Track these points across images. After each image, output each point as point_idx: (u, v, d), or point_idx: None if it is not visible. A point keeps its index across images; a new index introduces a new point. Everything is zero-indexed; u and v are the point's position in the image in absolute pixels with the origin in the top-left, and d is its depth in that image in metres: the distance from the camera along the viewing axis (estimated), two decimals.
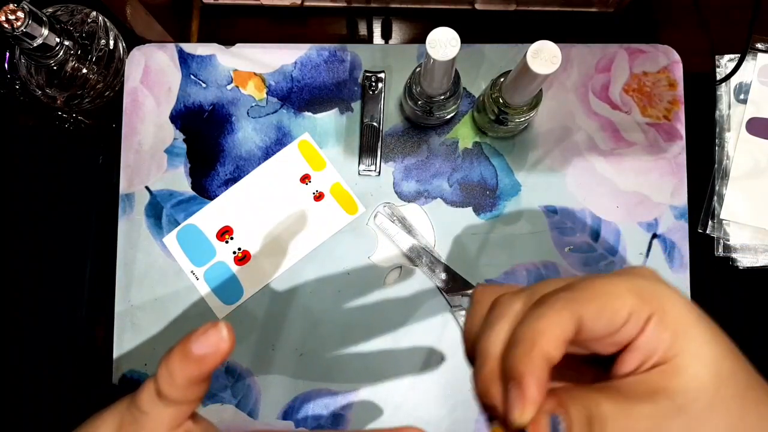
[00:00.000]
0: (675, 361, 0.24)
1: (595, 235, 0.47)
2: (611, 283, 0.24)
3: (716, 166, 0.50)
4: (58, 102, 0.48)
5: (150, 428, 0.27)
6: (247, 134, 0.48)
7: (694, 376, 0.23)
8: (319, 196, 0.48)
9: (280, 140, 0.48)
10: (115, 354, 0.46)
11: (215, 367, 0.26)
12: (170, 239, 0.47)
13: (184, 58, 0.49)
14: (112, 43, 0.49)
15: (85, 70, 0.47)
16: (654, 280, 0.25)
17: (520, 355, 0.23)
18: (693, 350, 0.24)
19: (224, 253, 0.47)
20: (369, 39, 0.53)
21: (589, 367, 0.27)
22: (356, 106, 0.48)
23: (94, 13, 0.48)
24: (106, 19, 0.49)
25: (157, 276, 0.47)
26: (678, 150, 0.48)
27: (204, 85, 0.49)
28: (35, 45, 0.42)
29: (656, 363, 0.24)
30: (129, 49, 0.49)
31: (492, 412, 0.25)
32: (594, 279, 0.24)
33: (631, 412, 0.23)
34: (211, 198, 0.48)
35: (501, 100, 0.42)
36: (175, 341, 0.26)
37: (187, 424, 0.28)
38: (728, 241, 0.49)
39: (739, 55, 0.50)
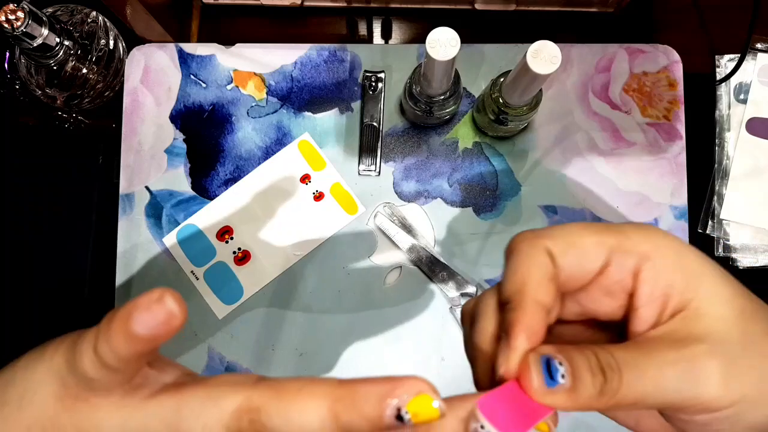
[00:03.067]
0: (693, 304, 0.22)
1: None
2: (580, 225, 0.23)
3: (716, 166, 0.50)
4: (58, 102, 0.48)
5: (100, 390, 0.22)
6: (247, 134, 0.48)
7: (719, 317, 0.22)
8: (319, 196, 0.48)
9: (280, 140, 0.48)
10: None
11: (167, 339, 0.21)
12: (170, 239, 0.47)
13: (184, 58, 0.49)
14: (112, 43, 0.49)
15: (85, 70, 0.47)
16: (645, 228, 0.23)
17: (511, 314, 0.22)
18: (709, 290, 0.22)
19: (224, 253, 0.47)
20: (369, 39, 0.53)
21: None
22: (356, 106, 0.48)
23: (94, 13, 0.48)
24: (106, 19, 0.49)
25: (157, 276, 0.47)
26: (678, 150, 0.48)
27: (204, 85, 0.49)
28: (35, 45, 0.42)
29: (674, 311, 0.22)
30: (129, 49, 0.49)
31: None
32: (564, 224, 0.24)
33: (653, 359, 0.21)
34: (211, 198, 0.48)
35: (501, 100, 0.42)
36: (175, 341, 0.25)
37: (144, 372, 0.23)
38: (728, 241, 0.49)
39: (739, 55, 0.50)
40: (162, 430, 0.21)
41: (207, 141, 0.48)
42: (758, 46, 0.51)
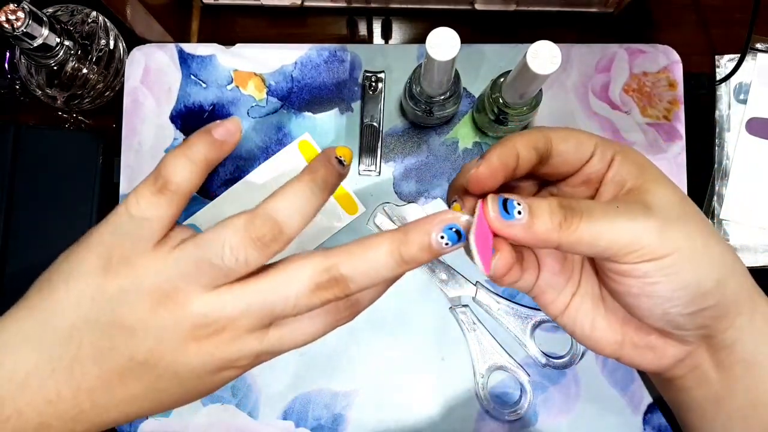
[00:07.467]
0: (646, 185, 0.28)
1: None
2: (577, 128, 0.30)
3: (716, 166, 0.50)
4: (58, 102, 0.48)
5: (142, 243, 0.27)
6: (247, 134, 0.48)
7: (663, 194, 0.28)
8: None
9: (280, 140, 0.48)
10: None
11: (224, 155, 0.29)
12: None
13: (184, 58, 0.49)
14: (112, 43, 0.49)
15: (85, 70, 0.47)
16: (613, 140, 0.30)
17: (493, 147, 0.28)
18: (658, 178, 0.29)
19: None
20: (369, 39, 0.53)
21: None
22: (356, 106, 0.49)
23: (94, 13, 0.48)
24: (106, 19, 0.49)
25: None
26: (678, 150, 0.48)
27: (204, 85, 0.49)
28: (35, 45, 0.42)
29: (629, 191, 0.29)
30: (129, 49, 0.49)
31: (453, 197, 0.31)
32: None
33: (610, 209, 0.26)
34: (211, 198, 0.48)
35: (501, 100, 0.42)
36: None
37: (175, 229, 0.29)
38: (728, 240, 0.49)
39: (739, 55, 0.50)
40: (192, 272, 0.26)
41: None
42: (758, 46, 0.51)
